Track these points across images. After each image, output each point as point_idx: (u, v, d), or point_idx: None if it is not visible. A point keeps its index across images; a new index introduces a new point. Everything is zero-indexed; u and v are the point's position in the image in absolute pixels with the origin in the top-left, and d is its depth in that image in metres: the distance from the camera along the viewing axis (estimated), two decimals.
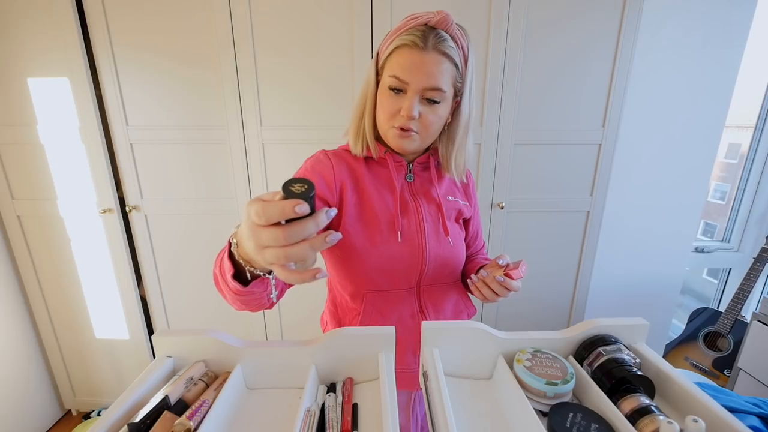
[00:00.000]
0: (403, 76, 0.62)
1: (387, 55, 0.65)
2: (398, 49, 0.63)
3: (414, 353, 0.77)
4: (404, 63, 0.62)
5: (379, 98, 0.68)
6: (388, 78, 0.64)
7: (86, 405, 1.76)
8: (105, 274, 1.53)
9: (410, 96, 0.64)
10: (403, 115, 0.65)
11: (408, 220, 0.72)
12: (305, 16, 1.26)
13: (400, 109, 0.65)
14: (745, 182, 1.89)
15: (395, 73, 0.63)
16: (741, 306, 1.56)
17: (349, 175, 0.72)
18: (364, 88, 0.71)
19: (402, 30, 0.63)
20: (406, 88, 0.64)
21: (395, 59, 0.63)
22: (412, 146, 0.69)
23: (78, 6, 1.25)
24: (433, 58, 0.62)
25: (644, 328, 0.55)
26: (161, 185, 1.43)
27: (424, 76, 0.62)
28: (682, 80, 1.55)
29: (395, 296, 0.74)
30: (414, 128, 0.66)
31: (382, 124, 0.69)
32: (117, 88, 1.32)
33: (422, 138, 0.69)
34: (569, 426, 0.43)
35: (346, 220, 0.70)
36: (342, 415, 0.46)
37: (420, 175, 0.77)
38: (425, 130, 0.67)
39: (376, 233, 0.70)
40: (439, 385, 0.47)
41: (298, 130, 1.37)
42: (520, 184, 1.45)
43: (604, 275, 1.77)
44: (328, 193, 0.69)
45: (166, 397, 0.44)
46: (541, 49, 1.31)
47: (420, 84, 0.63)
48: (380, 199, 0.72)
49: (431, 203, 0.75)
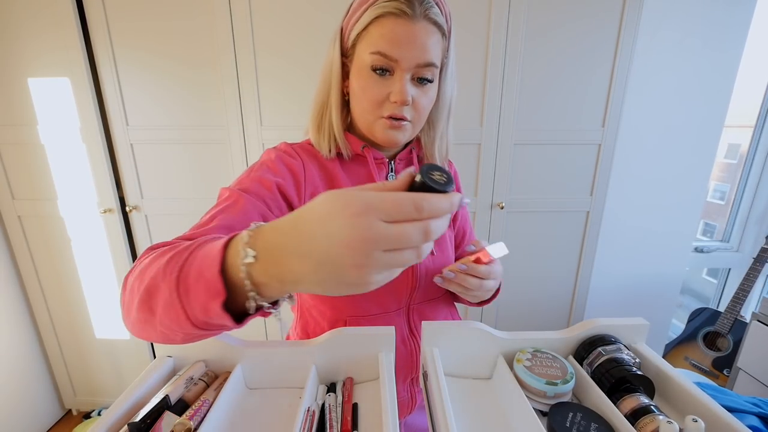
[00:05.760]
0: (391, 51, 0.51)
1: (363, 29, 0.52)
2: (379, 20, 0.51)
3: (404, 380, 0.66)
4: (390, 36, 0.50)
5: (355, 83, 0.56)
6: (370, 56, 0.52)
7: (87, 405, 1.76)
8: (105, 274, 1.53)
9: (400, 76, 0.52)
10: (396, 101, 0.53)
11: None
12: (305, 17, 1.26)
13: (389, 94, 0.53)
14: (745, 182, 1.89)
15: (380, 48, 0.51)
16: (740, 306, 1.56)
17: (321, 177, 0.60)
18: (325, 74, 0.59)
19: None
20: (394, 67, 0.52)
21: (376, 32, 0.51)
22: (404, 138, 0.58)
23: (78, 6, 1.25)
24: (423, 28, 0.51)
25: (644, 328, 0.56)
26: (161, 185, 1.43)
27: (417, 50, 0.51)
28: (681, 80, 1.55)
29: (383, 320, 0.62)
30: (408, 116, 0.55)
31: (366, 114, 0.56)
32: (117, 88, 1.32)
33: (414, 127, 0.58)
34: (569, 426, 0.43)
35: None
36: (342, 415, 0.46)
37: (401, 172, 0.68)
38: (418, 116, 0.57)
39: None
40: (439, 385, 0.47)
41: (298, 130, 1.36)
42: (520, 184, 1.45)
43: (604, 275, 1.77)
44: (294, 194, 0.56)
45: (167, 397, 0.45)
46: (541, 50, 1.31)
47: (412, 60, 0.52)
48: None
49: None
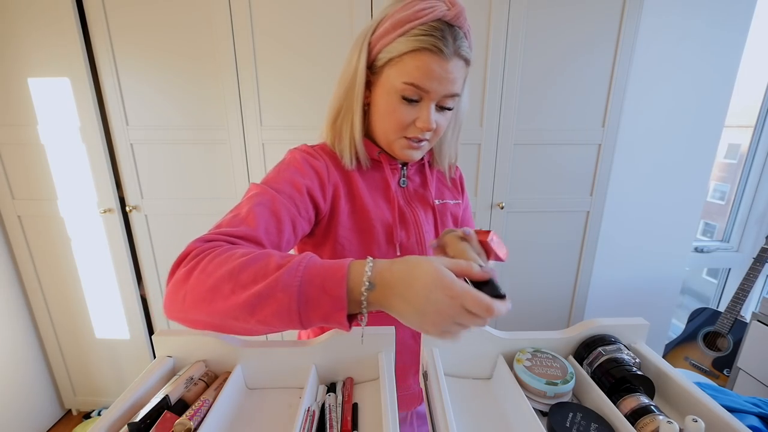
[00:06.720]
0: (423, 84, 0.55)
1: (397, 55, 0.55)
2: (416, 53, 0.54)
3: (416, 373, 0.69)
4: (425, 70, 0.54)
5: (381, 103, 0.59)
6: (402, 85, 0.56)
7: (86, 405, 1.76)
8: (105, 274, 1.53)
9: (427, 105, 0.57)
10: (421, 127, 0.58)
11: (406, 231, 0.66)
12: (305, 18, 1.26)
13: (415, 120, 0.58)
14: (745, 182, 1.89)
15: (414, 80, 0.55)
16: (741, 306, 1.56)
17: (341, 179, 0.63)
18: (347, 82, 0.61)
19: (414, 23, 0.53)
20: (423, 96, 0.57)
21: (411, 64, 0.54)
22: (420, 156, 0.64)
23: (78, 7, 1.25)
24: (455, 65, 0.55)
25: (644, 328, 0.56)
26: (161, 185, 1.43)
27: (447, 84, 0.56)
28: (681, 80, 1.55)
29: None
30: (427, 137, 0.61)
31: (389, 133, 0.61)
32: (117, 88, 1.32)
33: (429, 145, 0.64)
34: (569, 426, 0.43)
35: (340, 231, 0.62)
36: (342, 415, 0.46)
37: (412, 178, 0.70)
38: (435, 137, 0.62)
39: (374, 246, 0.64)
40: (439, 385, 0.47)
41: (298, 131, 1.37)
42: (520, 184, 1.45)
43: (604, 275, 1.77)
44: (320, 195, 0.60)
45: (167, 397, 0.45)
46: (541, 49, 1.31)
47: (441, 93, 0.56)
48: (375, 207, 0.64)
49: (428, 210, 0.70)
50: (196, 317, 0.42)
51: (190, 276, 0.42)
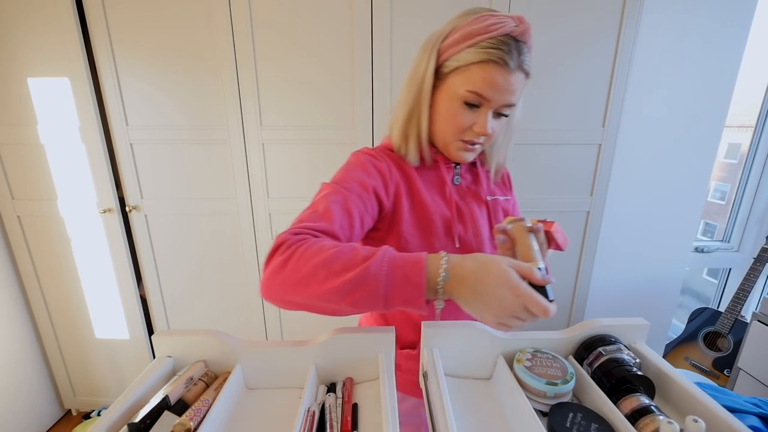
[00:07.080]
0: (486, 93, 0.60)
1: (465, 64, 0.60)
2: (483, 64, 0.58)
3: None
4: (490, 81, 0.59)
5: (443, 106, 0.64)
6: (466, 92, 0.60)
7: (86, 405, 1.76)
8: (105, 274, 1.53)
9: (486, 112, 0.62)
10: (478, 132, 0.63)
11: (464, 225, 0.70)
12: (305, 19, 1.26)
13: (473, 125, 0.63)
14: (745, 182, 1.89)
15: (478, 89, 0.59)
16: (741, 306, 1.56)
17: (401, 178, 0.68)
18: (416, 85, 0.66)
19: (484, 36, 0.58)
20: (483, 104, 0.61)
21: (478, 74, 0.59)
22: (473, 158, 0.69)
23: (78, 7, 1.25)
24: (517, 78, 0.60)
25: (644, 328, 0.56)
26: (161, 185, 1.43)
27: (507, 95, 0.60)
28: (682, 80, 1.55)
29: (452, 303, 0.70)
30: (480, 141, 0.65)
31: (447, 135, 0.66)
32: (117, 88, 1.32)
33: (482, 148, 0.69)
34: (569, 426, 0.43)
35: (403, 227, 0.67)
36: (342, 415, 0.46)
37: (464, 176, 0.75)
38: (489, 141, 0.67)
39: (434, 239, 0.68)
40: (439, 385, 0.47)
41: (298, 130, 1.37)
42: (520, 184, 1.44)
43: (605, 275, 1.76)
44: (384, 194, 0.65)
45: (166, 397, 0.45)
46: (541, 49, 1.31)
47: (501, 102, 0.61)
48: (434, 203, 0.69)
49: (481, 205, 0.74)
50: (293, 299, 0.49)
51: (287, 263, 0.48)
